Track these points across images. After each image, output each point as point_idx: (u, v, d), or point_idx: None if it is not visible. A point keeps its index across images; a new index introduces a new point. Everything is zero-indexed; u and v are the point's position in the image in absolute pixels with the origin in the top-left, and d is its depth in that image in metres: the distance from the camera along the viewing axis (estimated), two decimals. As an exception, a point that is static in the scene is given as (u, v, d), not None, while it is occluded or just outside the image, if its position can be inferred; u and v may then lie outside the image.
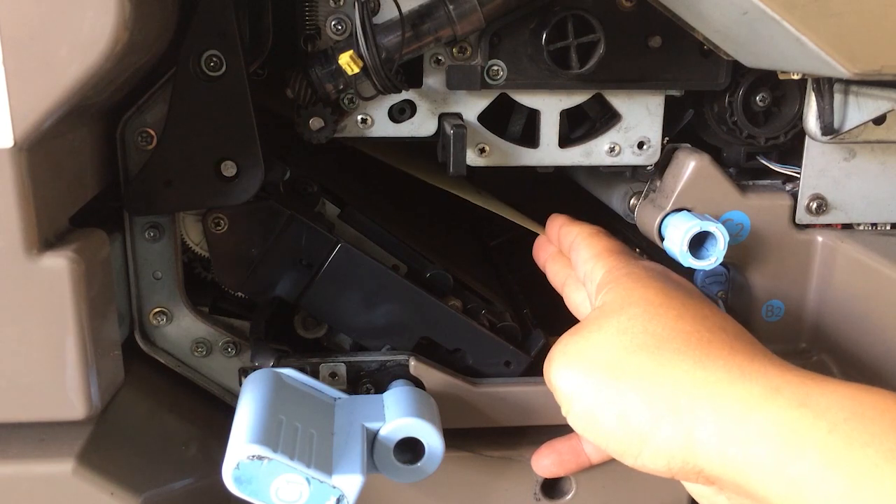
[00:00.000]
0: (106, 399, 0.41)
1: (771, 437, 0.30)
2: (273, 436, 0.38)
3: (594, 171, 0.58)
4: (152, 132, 0.44)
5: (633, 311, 0.38)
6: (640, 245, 0.67)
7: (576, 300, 0.49)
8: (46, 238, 0.37)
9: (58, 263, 0.37)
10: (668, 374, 0.35)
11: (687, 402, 0.33)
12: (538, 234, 0.56)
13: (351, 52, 0.42)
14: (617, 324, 0.38)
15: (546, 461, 0.49)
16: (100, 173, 0.44)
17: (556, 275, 0.51)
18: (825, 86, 0.45)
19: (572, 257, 0.48)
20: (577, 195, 0.67)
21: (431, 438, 0.43)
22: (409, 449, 0.44)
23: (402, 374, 0.49)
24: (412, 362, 0.49)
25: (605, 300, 0.40)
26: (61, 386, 0.38)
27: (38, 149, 0.36)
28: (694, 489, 0.38)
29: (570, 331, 0.40)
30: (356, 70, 0.42)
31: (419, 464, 0.44)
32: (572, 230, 0.49)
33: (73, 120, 0.38)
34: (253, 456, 0.37)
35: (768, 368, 0.33)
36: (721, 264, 0.47)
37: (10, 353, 0.38)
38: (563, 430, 0.51)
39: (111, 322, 0.42)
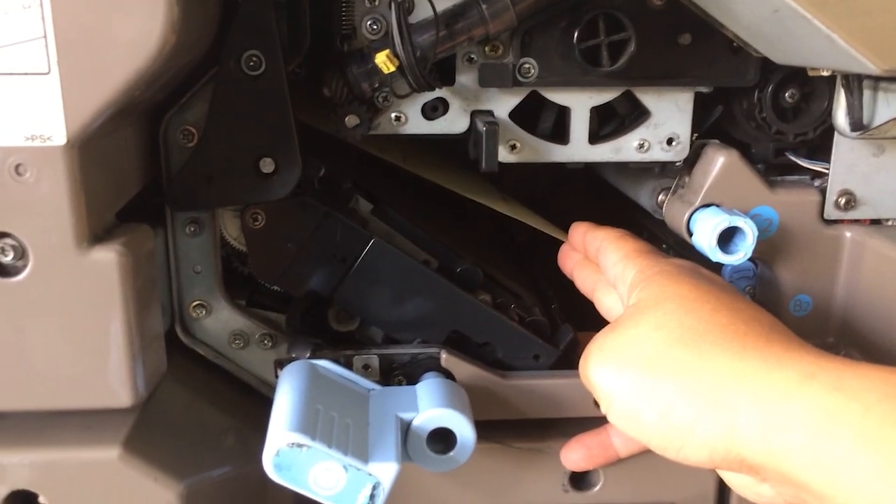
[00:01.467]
0: (150, 388, 0.42)
1: (807, 422, 0.31)
2: (311, 424, 0.40)
3: (622, 168, 0.58)
4: (193, 130, 0.46)
5: (668, 306, 0.39)
6: (666, 241, 0.68)
7: (607, 304, 0.49)
8: (95, 232, 0.39)
9: (107, 257, 0.38)
10: (707, 368, 0.35)
11: (727, 393, 0.34)
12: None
13: (387, 51, 0.43)
14: (653, 319, 0.39)
15: (575, 455, 0.50)
16: (143, 170, 0.45)
17: (585, 280, 0.52)
18: (854, 82, 0.46)
19: (601, 261, 0.49)
20: (601, 192, 0.68)
21: (463, 429, 0.44)
22: (442, 439, 0.45)
23: (434, 366, 0.50)
24: (443, 355, 0.50)
25: (639, 297, 0.41)
26: (109, 375, 0.39)
27: (88, 147, 0.37)
28: (735, 480, 0.38)
29: (605, 329, 0.41)
30: (392, 69, 0.43)
31: (451, 453, 0.45)
32: (598, 235, 0.50)
33: (120, 119, 0.39)
34: (292, 444, 0.38)
35: (803, 356, 0.34)
36: (749, 259, 0.48)
37: (60, 343, 0.39)
38: (591, 422, 0.52)
39: (155, 313, 0.43)
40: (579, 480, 0.53)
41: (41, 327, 0.39)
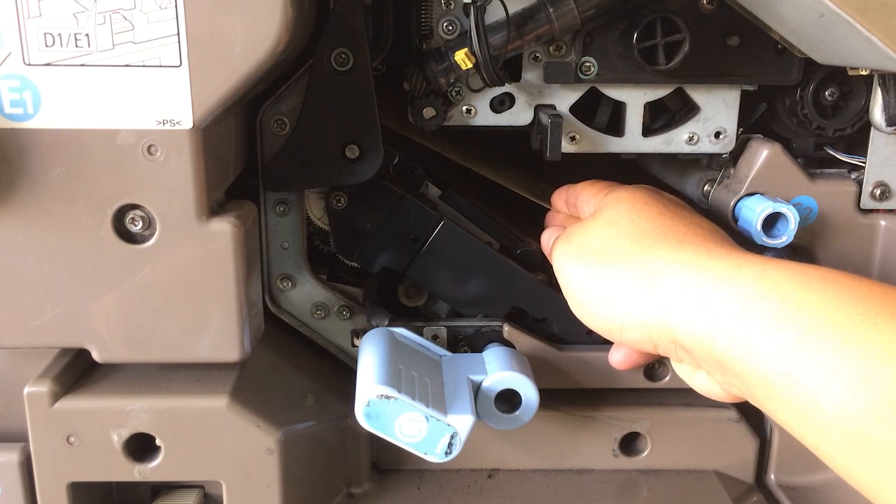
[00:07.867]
0: (252, 346, 0.47)
1: (731, 306, 0.35)
2: (396, 380, 0.45)
3: (669, 161, 0.63)
4: (286, 119, 0.51)
5: (621, 206, 0.45)
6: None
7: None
8: (211, 207, 0.44)
9: (223, 227, 0.43)
10: (647, 258, 0.41)
11: (662, 279, 0.39)
12: None
13: (465, 49, 0.47)
14: (607, 216, 0.45)
15: (618, 355, 0.49)
16: (243, 154, 0.51)
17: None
18: (890, 81, 0.50)
19: (580, 205, 0.53)
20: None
21: (528, 390, 0.49)
22: (507, 400, 0.50)
23: (496, 338, 0.55)
24: (506, 328, 0.54)
25: (602, 203, 0.47)
26: (222, 332, 0.45)
27: (206, 132, 0.43)
28: (679, 368, 0.42)
29: (572, 226, 0.47)
30: (469, 66, 0.48)
31: (517, 413, 0.49)
32: (575, 186, 0.55)
33: (234, 107, 0.44)
34: (381, 395, 0.43)
35: (733, 253, 0.39)
36: (790, 245, 0.52)
37: (179, 304, 0.44)
38: (640, 392, 0.57)
39: (256, 280, 0.49)
40: (628, 446, 0.58)
41: (163, 289, 0.44)
